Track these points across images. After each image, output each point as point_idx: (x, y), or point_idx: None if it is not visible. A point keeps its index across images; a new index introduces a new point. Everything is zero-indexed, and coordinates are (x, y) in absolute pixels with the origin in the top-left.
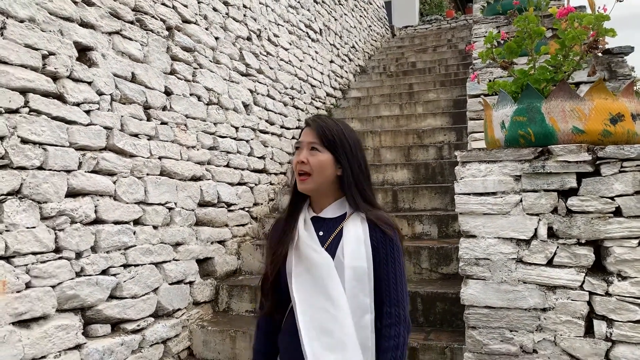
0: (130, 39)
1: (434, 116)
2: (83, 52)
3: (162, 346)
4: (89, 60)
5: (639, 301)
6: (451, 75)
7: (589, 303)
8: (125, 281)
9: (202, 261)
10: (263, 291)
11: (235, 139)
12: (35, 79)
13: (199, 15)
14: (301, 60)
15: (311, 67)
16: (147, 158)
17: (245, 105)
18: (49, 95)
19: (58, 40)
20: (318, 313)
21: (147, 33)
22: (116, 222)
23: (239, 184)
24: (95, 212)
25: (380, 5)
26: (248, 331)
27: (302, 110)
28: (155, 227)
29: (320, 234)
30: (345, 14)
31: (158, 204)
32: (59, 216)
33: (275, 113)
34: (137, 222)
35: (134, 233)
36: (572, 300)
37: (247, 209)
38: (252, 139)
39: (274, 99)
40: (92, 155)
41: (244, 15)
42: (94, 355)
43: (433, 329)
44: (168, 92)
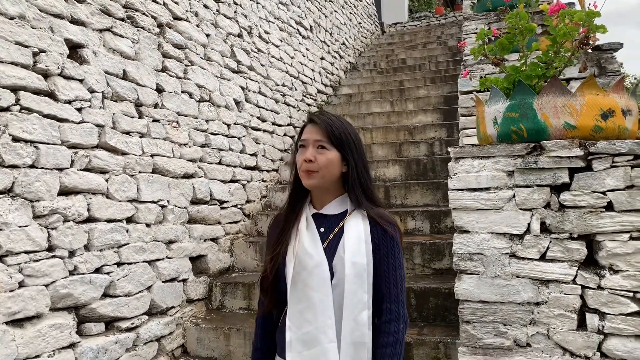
0: (122, 36)
1: (424, 113)
2: (74, 50)
3: (156, 344)
4: (80, 58)
5: (631, 294)
6: (441, 72)
7: (581, 297)
8: (118, 279)
9: (195, 259)
10: (262, 289)
11: (227, 136)
12: (26, 76)
13: (190, 12)
14: (292, 57)
15: (302, 64)
16: (140, 156)
17: (237, 103)
18: (40, 93)
19: (49, 37)
20: (302, 314)
21: (138, 30)
22: (109, 220)
23: (231, 181)
24: (88, 210)
25: (370, 2)
26: (242, 328)
27: (293, 107)
28: (148, 225)
29: (322, 230)
30: (335, 11)
31: (151, 202)
32: (52, 215)
33: (266, 110)
34: (130, 220)
35: (127, 231)
36: (565, 294)
37: (239, 206)
38: (244, 136)
39: (265, 96)
40: (84, 153)
41: (235, 12)
42: (88, 354)
43: (426, 324)
44: (160, 90)
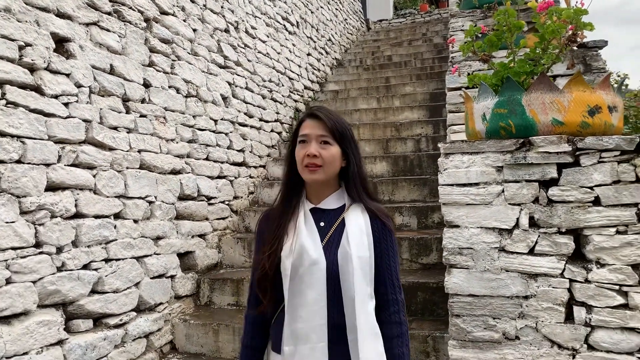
0: (108, 31)
1: (411, 109)
2: (60, 44)
3: (144, 340)
4: (66, 52)
5: (617, 287)
6: (427, 69)
7: (569, 290)
8: (106, 276)
9: (183, 255)
10: (261, 288)
11: (214, 131)
12: (12, 70)
13: (177, 6)
14: (279, 53)
15: (289, 60)
16: (127, 151)
17: (224, 98)
18: (26, 87)
19: (35, 31)
20: (296, 310)
21: (125, 24)
22: (97, 216)
23: (219, 177)
24: (76, 206)
25: None
26: (231, 324)
27: (280, 103)
28: (135, 221)
29: (322, 224)
30: (321, 7)
31: (138, 198)
32: (39, 210)
33: (254, 106)
34: (117, 216)
35: (115, 227)
36: (553, 287)
37: (227, 202)
38: (231, 132)
39: (252, 91)
40: (72, 148)
41: (222, 7)
42: (76, 351)
43: (415, 318)
44: (147, 85)
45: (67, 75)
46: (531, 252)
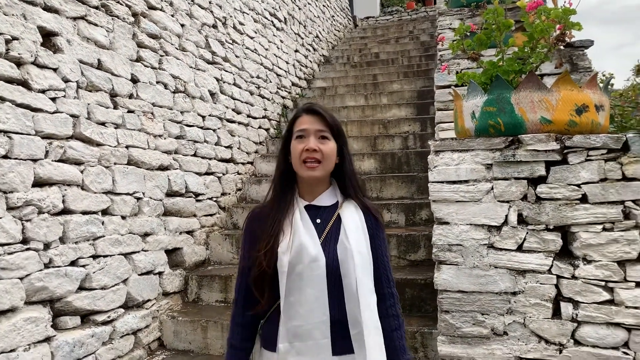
0: (96, 25)
1: (398, 107)
2: (48, 38)
3: (132, 337)
4: (53, 46)
5: (603, 283)
6: (414, 67)
7: (556, 286)
8: (94, 272)
9: (171, 252)
10: (258, 287)
11: (202, 128)
12: None
13: (165, 1)
14: (266, 49)
15: (276, 56)
16: (115, 147)
17: (212, 94)
18: (13, 81)
19: (21, 24)
20: (293, 307)
21: (112, 19)
22: (84, 212)
23: (207, 173)
24: (63, 202)
25: None
26: (220, 321)
27: (268, 99)
28: (123, 217)
29: (318, 221)
30: (309, 3)
31: (126, 194)
32: (26, 206)
33: (241, 102)
34: (105, 212)
35: (103, 223)
36: (541, 283)
37: (215, 198)
38: (219, 128)
39: (240, 87)
40: (59, 143)
41: (210, 3)
42: (64, 348)
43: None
44: (135, 80)
45: (55, 69)
46: (519, 248)
